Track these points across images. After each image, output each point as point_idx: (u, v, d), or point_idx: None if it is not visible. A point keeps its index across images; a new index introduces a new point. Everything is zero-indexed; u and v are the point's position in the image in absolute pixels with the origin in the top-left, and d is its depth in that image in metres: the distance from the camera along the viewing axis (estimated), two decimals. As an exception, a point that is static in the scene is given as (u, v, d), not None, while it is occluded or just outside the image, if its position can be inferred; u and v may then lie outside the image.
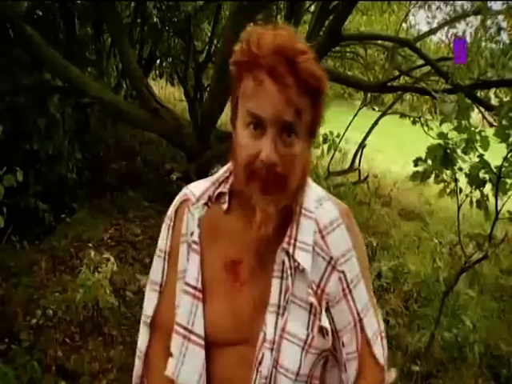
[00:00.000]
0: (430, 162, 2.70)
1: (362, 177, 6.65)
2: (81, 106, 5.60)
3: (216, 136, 5.01)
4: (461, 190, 2.82)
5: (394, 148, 10.71)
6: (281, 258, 0.99)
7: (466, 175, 2.67)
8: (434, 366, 3.14)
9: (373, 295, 1.10)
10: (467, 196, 2.78)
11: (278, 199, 0.93)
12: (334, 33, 4.05)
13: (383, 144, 10.03)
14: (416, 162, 2.74)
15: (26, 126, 4.39)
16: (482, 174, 2.63)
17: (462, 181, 2.77)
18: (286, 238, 0.99)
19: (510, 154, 2.58)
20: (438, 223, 6.04)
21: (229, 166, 1.06)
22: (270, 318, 0.99)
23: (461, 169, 2.69)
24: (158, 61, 8.75)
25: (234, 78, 0.95)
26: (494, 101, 4.55)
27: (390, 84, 4.77)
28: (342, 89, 8.79)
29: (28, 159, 4.27)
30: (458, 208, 2.88)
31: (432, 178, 2.75)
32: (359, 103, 7.57)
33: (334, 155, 6.32)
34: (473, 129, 2.64)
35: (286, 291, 0.99)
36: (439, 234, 5.49)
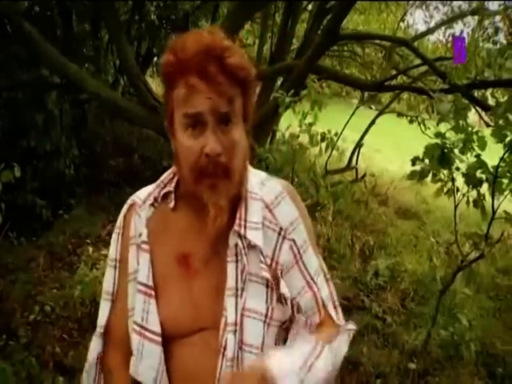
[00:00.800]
0: (427, 161, 2.71)
1: (359, 175, 6.65)
2: (78, 103, 5.59)
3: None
4: (458, 190, 2.83)
5: (391, 147, 10.72)
6: (234, 241, 1.01)
7: (463, 175, 2.68)
8: (430, 364, 3.15)
9: (322, 262, 1.13)
10: (464, 195, 2.79)
11: (226, 190, 0.98)
12: (332, 32, 4.03)
13: (380, 143, 10.04)
14: (414, 161, 2.75)
15: (24, 122, 4.38)
16: (478, 173, 2.64)
17: (459, 180, 2.78)
18: (237, 221, 1.02)
19: (506, 155, 2.59)
20: (434, 222, 6.05)
21: (173, 168, 1.10)
22: (230, 301, 1.01)
23: (458, 168, 2.70)
24: (156, 58, 8.73)
25: (166, 89, 1.00)
26: (490, 101, 4.56)
27: (388, 83, 4.75)
28: (340, 87, 8.79)
29: (25, 155, 4.26)
30: (455, 207, 2.89)
31: (429, 177, 2.76)
32: (356, 102, 7.56)
33: (332, 154, 6.32)
34: (470, 129, 2.65)
35: (243, 271, 1.01)
36: (436, 233, 5.52)
